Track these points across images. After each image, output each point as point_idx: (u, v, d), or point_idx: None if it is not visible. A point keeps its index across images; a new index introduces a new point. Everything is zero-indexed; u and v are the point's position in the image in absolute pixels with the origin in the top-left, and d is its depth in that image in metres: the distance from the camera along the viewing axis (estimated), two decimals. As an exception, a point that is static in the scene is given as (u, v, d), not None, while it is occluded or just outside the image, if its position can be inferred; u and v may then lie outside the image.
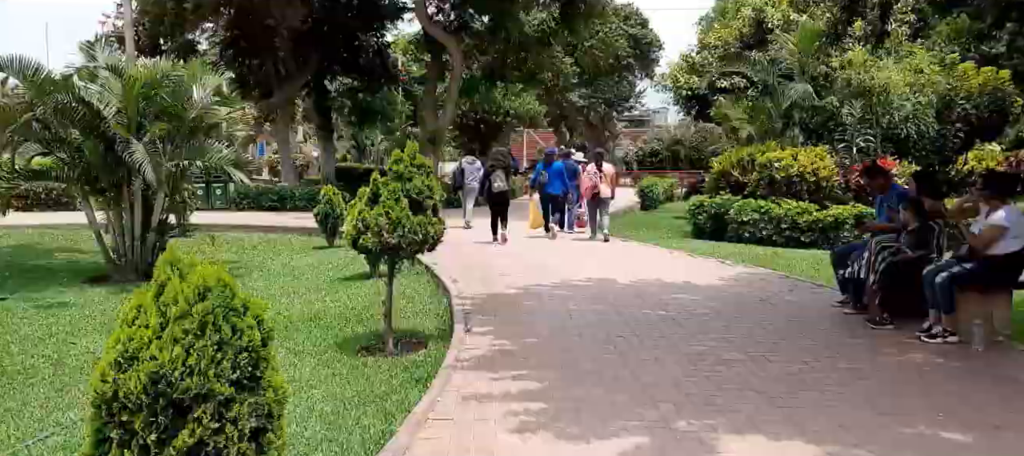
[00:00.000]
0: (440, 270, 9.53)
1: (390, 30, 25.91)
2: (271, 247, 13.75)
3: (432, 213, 6.33)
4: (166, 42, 22.32)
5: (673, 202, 28.83)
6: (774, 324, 6.50)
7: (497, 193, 13.50)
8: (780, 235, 14.63)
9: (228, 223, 16.44)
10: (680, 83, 29.64)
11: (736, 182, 15.82)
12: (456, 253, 11.79)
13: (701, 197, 16.37)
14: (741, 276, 9.39)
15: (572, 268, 9.90)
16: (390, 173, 6.23)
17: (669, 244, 13.75)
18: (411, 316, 7.34)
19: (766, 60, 17.00)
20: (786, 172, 14.98)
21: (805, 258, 12.05)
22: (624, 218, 21.01)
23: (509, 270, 9.70)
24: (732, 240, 15.19)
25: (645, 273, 9.39)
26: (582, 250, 12.46)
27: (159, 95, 9.84)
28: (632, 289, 8.22)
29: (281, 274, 10.65)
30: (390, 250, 6.07)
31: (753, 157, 15.78)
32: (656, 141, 49.87)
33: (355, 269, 10.27)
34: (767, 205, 14.82)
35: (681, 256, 11.58)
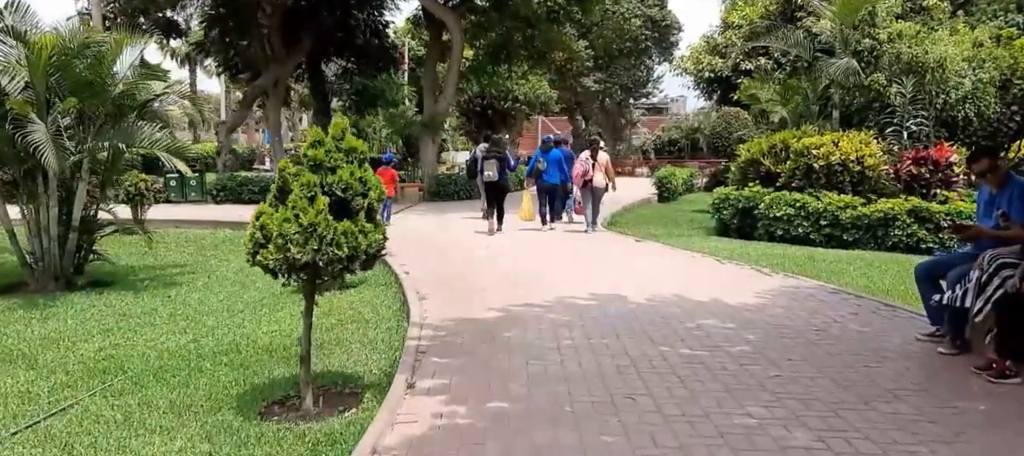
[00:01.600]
0: (410, 281, 7.78)
1: (389, 8, 24.11)
2: (234, 246, 12.07)
3: (366, 218, 4.56)
4: (142, 20, 20.69)
5: (693, 194, 26.85)
6: (845, 373, 4.65)
7: (488, 183, 12.90)
8: (818, 233, 12.73)
9: (196, 218, 14.84)
10: (702, 65, 27.55)
11: (767, 172, 13.90)
12: (441, 256, 10.04)
13: (726, 189, 14.45)
14: (783, 290, 7.52)
15: (571, 278, 8.09)
16: (305, 160, 4.46)
17: (690, 244, 11.88)
18: (357, 348, 5.59)
19: (802, 34, 15.00)
20: (826, 160, 13.04)
21: (853, 263, 10.16)
22: (639, 212, 19.13)
23: (494, 282, 7.91)
24: (762, 239, 13.33)
25: (662, 286, 7.56)
26: (584, 252, 10.62)
27: (76, 67, 8.17)
28: (645, 312, 6.40)
29: (230, 281, 8.96)
30: (303, 271, 4.32)
31: (787, 144, 13.84)
32: (675, 129, 47.75)
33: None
34: (804, 198, 12.92)
35: (705, 261, 9.71)
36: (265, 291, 8.18)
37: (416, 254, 10.02)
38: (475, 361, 4.81)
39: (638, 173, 39.59)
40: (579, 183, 13.40)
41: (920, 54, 13.28)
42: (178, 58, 40.82)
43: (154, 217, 14.75)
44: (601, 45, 35.26)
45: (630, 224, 15.95)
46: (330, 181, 4.39)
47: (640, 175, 38.79)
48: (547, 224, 13.65)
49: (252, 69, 22.31)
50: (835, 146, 13.19)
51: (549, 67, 28.34)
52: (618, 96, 43.47)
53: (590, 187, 13.22)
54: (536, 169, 13.81)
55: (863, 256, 11.25)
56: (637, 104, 49.83)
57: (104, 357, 5.62)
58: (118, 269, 9.91)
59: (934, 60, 13.30)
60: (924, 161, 13.04)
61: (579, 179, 13.30)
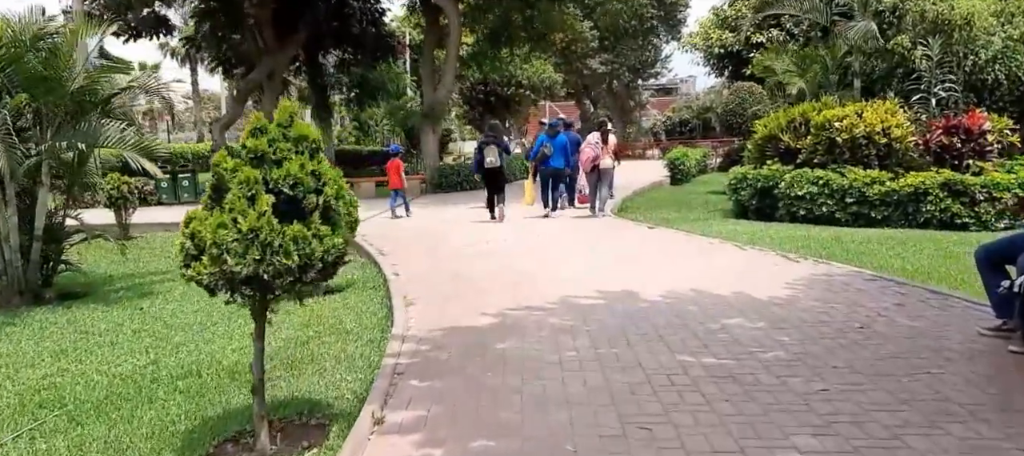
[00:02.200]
0: (400, 283, 7.05)
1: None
2: (221, 249, 11.39)
3: (322, 219, 3.83)
4: (129, 15, 20.00)
5: (707, 174, 25.95)
6: (903, 384, 3.88)
7: (490, 169, 12.57)
8: (844, 211, 11.90)
9: (187, 220, 14.15)
10: (711, 40, 26.57)
11: (786, 149, 13.03)
12: (437, 252, 9.30)
13: (743, 169, 13.61)
14: (814, 278, 6.72)
15: (577, 274, 7.33)
16: (244, 152, 3.73)
17: (707, 229, 11.08)
18: (331, 367, 4.88)
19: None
20: (849, 133, 12.16)
21: (885, 242, 9.34)
22: (652, 195, 18.31)
23: (492, 280, 7.16)
24: (783, 220, 12.51)
25: (678, 279, 6.78)
26: (592, 242, 9.85)
27: (29, 61, 7.48)
28: (660, 311, 5.63)
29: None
30: (245, 286, 3.59)
31: (807, 117, 12.97)
32: (685, 109, 46.70)
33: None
34: (827, 175, 12.07)
35: (725, 248, 8.91)
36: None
37: (410, 251, 9.30)
38: (461, 383, 4.07)
39: (649, 155, 38.69)
40: (587, 167, 12.86)
41: (945, 10, 12.32)
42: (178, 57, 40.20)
43: (142, 220, 14.14)
44: (606, 24, 34.21)
45: (642, 209, 15.16)
46: (276, 177, 3.65)
47: (651, 157, 37.90)
48: (552, 211, 13.18)
49: (247, 63, 21.61)
50: (859, 117, 12.30)
51: (552, 50, 27.45)
52: (626, 77, 42.46)
53: (599, 171, 12.73)
54: (541, 154, 13.34)
55: (894, 235, 10.42)
56: (646, 85, 48.81)
57: (46, 386, 4.95)
58: (94, 279, 9.28)
59: (961, 17, 12.34)
60: (955, 130, 12.13)
61: (588, 164, 12.77)
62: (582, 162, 12.97)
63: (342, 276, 8.16)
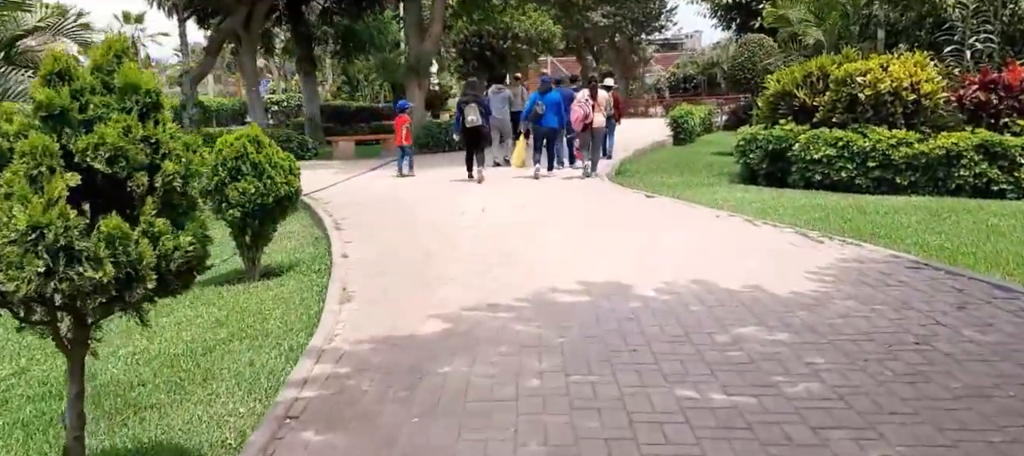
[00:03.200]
0: (345, 268, 5.90)
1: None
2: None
3: (164, 208, 2.64)
4: None
5: (712, 134, 24.56)
6: (995, 444, 2.72)
7: (470, 128, 12.08)
8: (866, 176, 10.67)
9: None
10: (719, -10, 24.96)
11: (802, 106, 11.73)
12: (404, 225, 8.12)
13: (753, 129, 12.33)
14: (844, 266, 5.54)
15: (560, 255, 6.18)
16: (36, 110, 2.52)
17: (713, 197, 9.88)
18: (226, 390, 3.74)
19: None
20: (873, 89, 10.85)
21: (915, 213, 8.20)
22: (652, 157, 17.03)
23: (459, 263, 6.01)
24: (797, 186, 11.29)
25: (678, 265, 5.62)
26: (581, 214, 8.66)
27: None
28: (654, 315, 4.46)
29: None
30: (35, 306, 2.43)
31: (825, 71, 11.63)
32: (690, 65, 44.97)
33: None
34: (847, 136, 10.81)
35: (734, 223, 7.71)
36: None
37: (373, 224, 8.14)
38: (369, 442, 2.91)
39: (652, 113, 37.25)
40: (579, 127, 12.20)
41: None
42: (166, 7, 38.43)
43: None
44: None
45: (641, 173, 13.91)
46: (82, 146, 2.45)
47: (654, 115, 36.46)
48: (546, 170, 12.51)
49: (224, 11, 20.14)
50: (884, 71, 10.97)
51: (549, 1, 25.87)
52: (629, 31, 40.65)
53: (590, 130, 12.17)
54: (534, 112, 12.52)
55: (924, 204, 9.24)
56: (650, 39, 46.92)
57: None
58: None
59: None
60: (993, 85, 10.82)
61: (579, 123, 12.08)
62: (573, 121, 12.27)
63: (289, 254, 7.03)
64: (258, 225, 6.16)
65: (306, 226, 8.66)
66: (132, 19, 40.98)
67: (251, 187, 5.89)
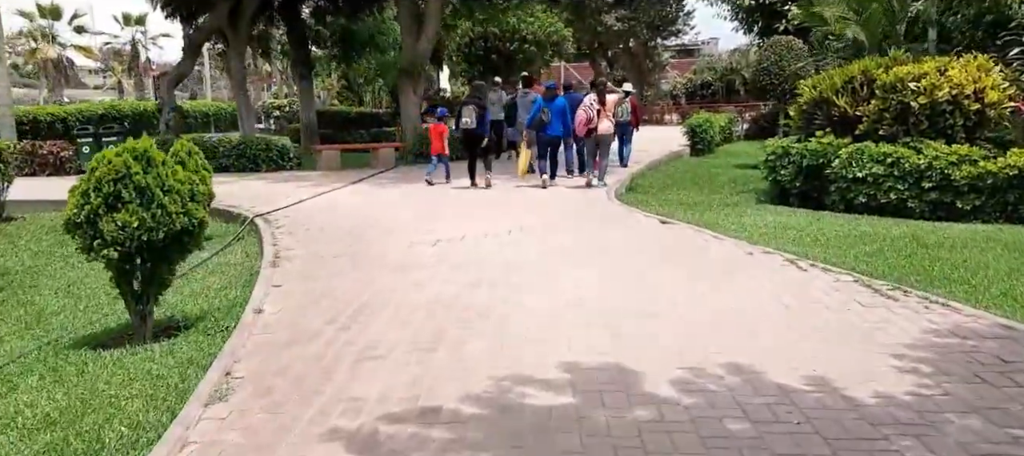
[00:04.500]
0: (248, 333, 4.40)
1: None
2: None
3: None
4: None
5: (732, 144, 22.91)
6: None
7: (465, 130, 11.71)
8: (920, 200, 9.09)
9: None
10: (740, -10, 23.35)
11: (842, 116, 10.16)
12: (358, 254, 6.59)
13: (784, 141, 10.79)
14: (942, 345, 3.97)
15: (543, 317, 4.63)
16: None
17: (741, 225, 8.33)
18: None
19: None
20: (929, 97, 9.26)
21: (990, 249, 6.75)
22: (668, 170, 15.45)
23: (400, 324, 4.49)
24: (837, 208, 9.75)
25: (705, 332, 4.09)
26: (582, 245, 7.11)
27: None
28: (671, 429, 2.93)
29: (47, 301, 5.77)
30: None
31: (870, 75, 10.06)
32: (708, 71, 43.29)
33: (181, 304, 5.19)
34: (898, 151, 9.25)
35: (772, 262, 6.14)
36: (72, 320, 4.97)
37: (321, 257, 6.62)
38: None
39: (668, 120, 35.61)
40: (582, 131, 11.70)
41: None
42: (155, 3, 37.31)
43: (37, 197, 11.52)
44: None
45: (655, 189, 12.36)
46: None
47: (669, 123, 34.82)
48: (550, 179, 11.88)
49: (208, 8, 18.81)
50: (942, 76, 9.38)
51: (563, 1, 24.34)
52: (644, 36, 39.02)
53: (596, 136, 11.67)
54: (539, 120, 11.65)
55: (997, 235, 7.66)
56: (666, 45, 45.30)
57: None
58: None
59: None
60: (1072, 94, 9.20)
61: (582, 127, 11.58)
62: (576, 126, 11.68)
63: (208, 299, 5.54)
64: (148, 268, 4.69)
65: (250, 256, 7.19)
66: (133, 21, 39.95)
67: (134, 219, 4.43)
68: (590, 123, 11.41)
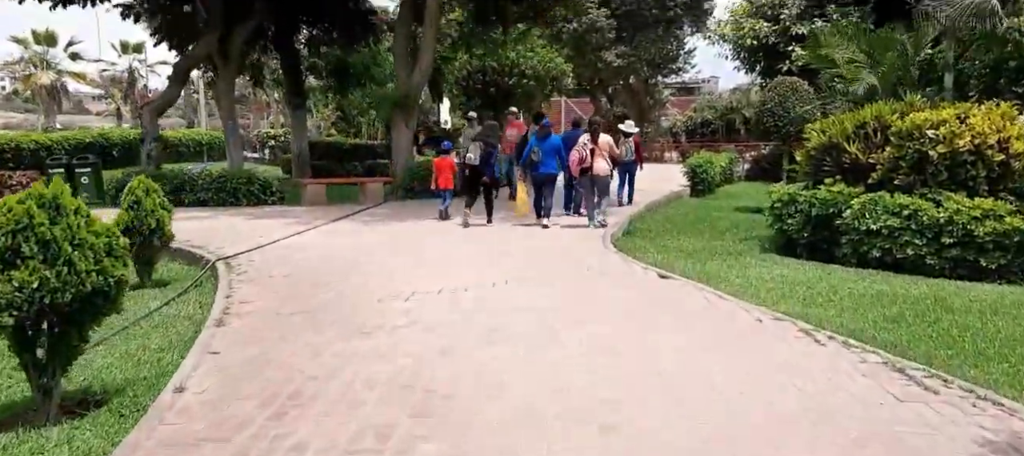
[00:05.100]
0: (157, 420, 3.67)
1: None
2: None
3: None
4: None
5: (733, 184, 22.32)
6: None
7: (469, 166, 11.86)
8: (939, 256, 8.42)
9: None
10: (743, 30, 22.96)
11: (854, 163, 9.53)
12: (315, 300, 5.84)
13: (791, 188, 10.15)
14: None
15: (513, 409, 3.88)
16: None
17: (746, 279, 7.64)
18: None
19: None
20: (949, 145, 8.63)
21: None
22: (668, 212, 14.80)
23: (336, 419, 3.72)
24: (848, 261, 9.08)
25: (714, 442, 3.35)
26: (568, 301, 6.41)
27: None
28: None
29: None
30: None
31: (883, 121, 9.46)
32: (708, 109, 42.99)
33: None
34: (915, 203, 8.59)
35: (787, 334, 5.41)
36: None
37: (274, 314, 5.89)
38: None
39: (668, 158, 35.16)
40: (575, 171, 11.55)
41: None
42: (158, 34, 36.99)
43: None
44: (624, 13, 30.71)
45: (654, 233, 11.69)
46: None
47: (669, 160, 34.36)
48: (545, 219, 11.63)
49: (192, 35, 18.34)
50: (962, 123, 8.77)
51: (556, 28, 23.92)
52: (644, 73, 38.73)
53: (590, 175, 11.41)
54: (530, 159, 11.58)
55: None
56: (666, 82, 45.08)
57: None
58: None
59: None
60: (1102, 146, 8.57)
61: (575, 167, 11.41)
62: (570, 164, 11.51)
63: (138, 365, 4.82)
64: (55, 336, 3.97)
65: (203, 307, 6.47)
66: (131, 49, 39.65)
67: (35, 278, 3.73)
68: (583, 162, 11.19)
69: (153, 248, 7.56)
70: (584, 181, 11.66)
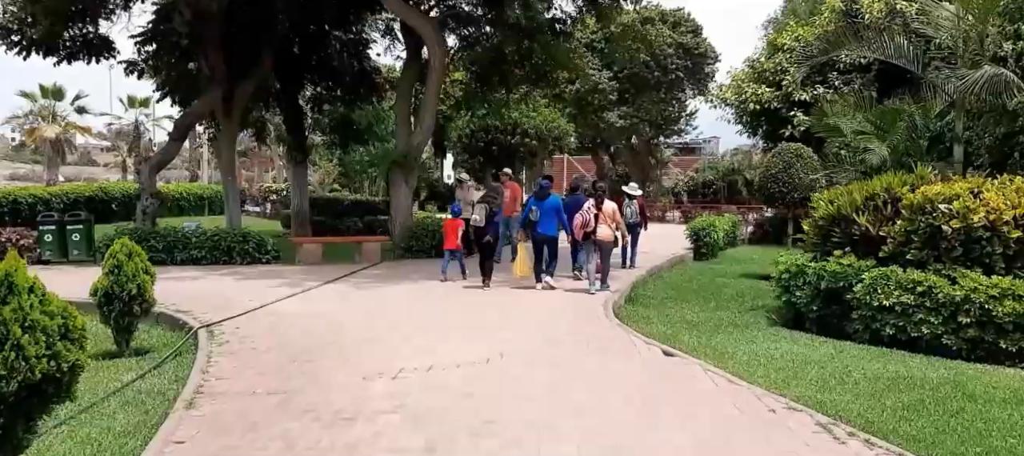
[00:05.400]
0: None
1: (370, 22, 20.04)
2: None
3: None
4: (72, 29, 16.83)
5: (736, 248, 22.01)
6: None
7: (474, 228, 11.77)
8: (956, 336, 8.05)
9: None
10: (745, 95, 22.99)
11: (864, 235, 9.23)
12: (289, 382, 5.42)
13: (800, 258, 9.83)
14: None
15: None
16: None
17: (754, 355, 7.28)
18: None
19: (902, 38, 10.39)
20: (963, 220, 8.33)
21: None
22: (671, 277, 14.46)
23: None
24: (860, 338, 8.72)
25: None
26: (559, 389, 6.01)
27: None
28: None
29: None
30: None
31: (894, 193, 9.20)
32: (710, 170, 43.10)
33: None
34: (930, 279, 8.24)
35: (802, 431, 5.00)
36: None
37: (258, 388, 5.51)
38: None
39: (669, 218, 34.97)
40: (579, 235, 11.40)
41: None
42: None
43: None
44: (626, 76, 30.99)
45: (657, 301, 11.35)
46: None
47: (671, 220, 34.16)
48: (547, 279, 11.58)
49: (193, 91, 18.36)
50: (975, 198, 8.49)
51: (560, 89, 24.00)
52: (646, 133, 38.96)
53: (594, 240, 11.31)
54: (528, 219, 11.46)
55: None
56: (668, 142, 45.33)
57: None
58: None
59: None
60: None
61: (579, 231, 11.30)
62: (574, 230, 11.42)
63: (92, 451, 4.44)
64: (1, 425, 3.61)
65: (179, 380, 6.09)
66: (137, 103, 40.01)
67: (-22, 365, 3.39)
68: (587, 227, 11.12)
69: (133, 315, 7.21)
70: (586, 246, 11.49)
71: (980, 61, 9.09)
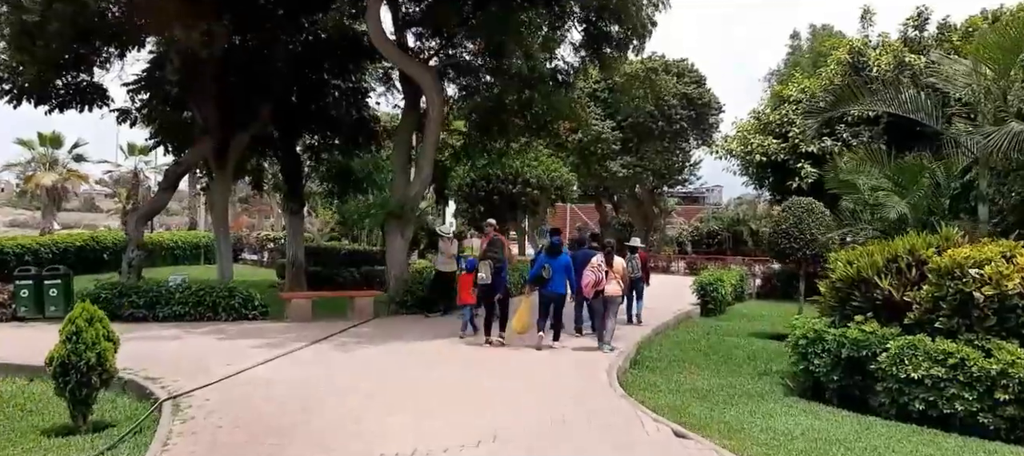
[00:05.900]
0: None
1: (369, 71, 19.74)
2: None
3: None
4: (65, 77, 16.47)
5: (744, 302, 21.31)
6: None
7: (481, 286, 11.45)
8: (993, 413, 7.38)
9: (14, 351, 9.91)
10: (751, 146, 22.58)
11: (886, 300, 8.60)
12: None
13: (818, 323, 9.17)
14: None
15: None
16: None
17: (772, 438, 6.60)
18: None
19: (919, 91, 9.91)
20: (997, 287, 7.71)
21: None
22: (679, 336, 13.76)
23: None
24: (887, 413, 8.06)
25: None
26: None
27: None
28: None
29: None
30: None
31: (918, 256, 8.61)
32: (714, 220, 42.58)
33: None
34: (961, 350, 7.60)
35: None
36: None
37: None
38: None
39: (674, 269, 34.28)
40: (590, 293, 11.09)
41: None
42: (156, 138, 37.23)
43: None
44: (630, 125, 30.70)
45: (663, 365, 10.68)
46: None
47: (676, 272, 33.46)
48: (547, 341, 11.06)
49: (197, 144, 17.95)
50: (1008, 263, 7.89)
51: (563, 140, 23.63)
52: (650, 183, 38.52)
53: (603, 297, 11.04)
54: (539, 276, 11.11)
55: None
56: (672, 192, 44.91)
57: None
58: None
59: None
60: None
61: (590, 289, 10.99)
62: (583, 286, 11.08)
63: None
64: None
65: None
66: (137, 151, 39.81)
67: None
68: (598, 285, 10.86)
69: (91, 386, 6.56)
70: (596, 303, 11.24)
71: (1005, 118, 8.61)
